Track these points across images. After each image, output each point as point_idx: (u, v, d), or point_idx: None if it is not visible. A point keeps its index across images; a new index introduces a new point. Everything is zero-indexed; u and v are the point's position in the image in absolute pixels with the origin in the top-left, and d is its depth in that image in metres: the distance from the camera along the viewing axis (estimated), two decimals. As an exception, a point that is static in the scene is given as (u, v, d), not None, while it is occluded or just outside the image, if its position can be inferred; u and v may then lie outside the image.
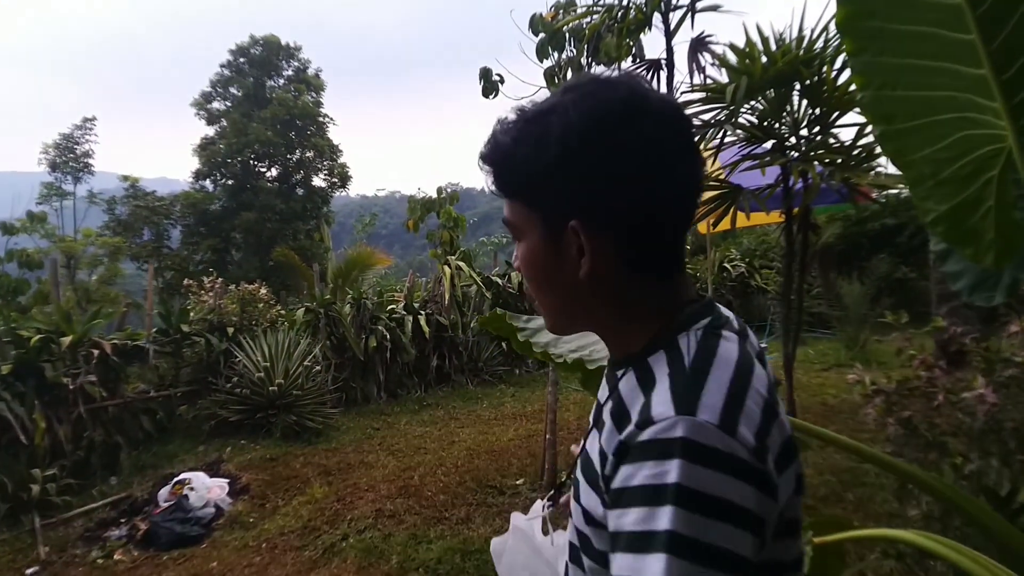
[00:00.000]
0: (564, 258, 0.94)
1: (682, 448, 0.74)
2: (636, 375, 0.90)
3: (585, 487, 0.93)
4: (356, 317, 9.43)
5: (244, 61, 26.10)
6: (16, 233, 9.21)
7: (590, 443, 0.96)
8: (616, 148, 0.88)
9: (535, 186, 0.93)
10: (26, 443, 5.97)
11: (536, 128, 0.92)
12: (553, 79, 4.68)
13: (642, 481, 0.76)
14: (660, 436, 0.77)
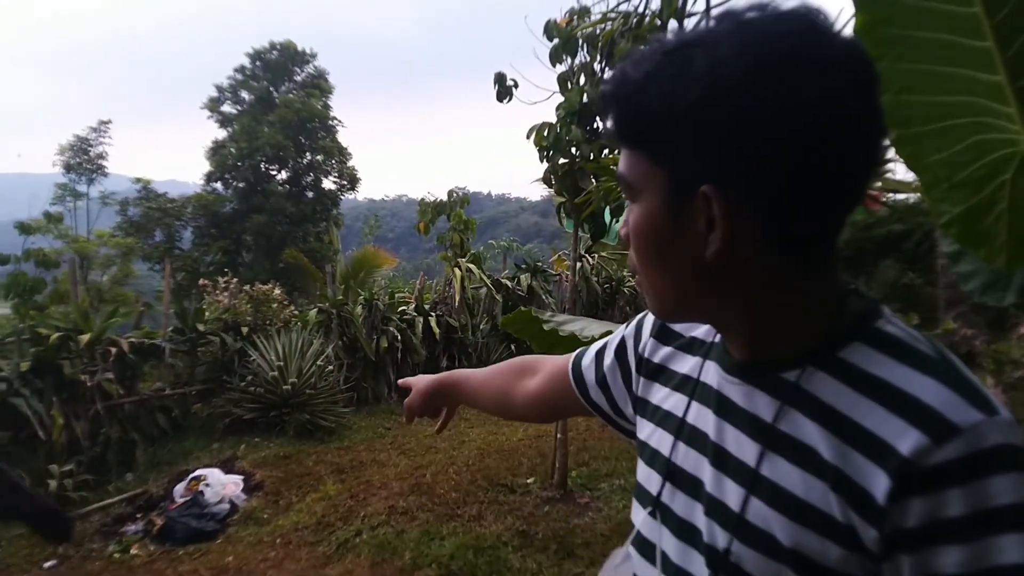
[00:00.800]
0: (686, 230, 0.73)
1: (1008, 458, 0.63)
2: (836, 376, 0.73)
3: (795, 532, 0.71)
4: (368, 318, 9.51)
5: (259, 65, 26.28)
6: (33, 233, 9.32)
7: (775, 474, 0.75)
8: (780, 97, 0.66)
9: (664, 133, 0.72)
10: (44, 439, 6.06)
11: (676, 61, 0.71)
12: (566, 84, 4.75)
13: (986, 506, 0.62)
14: (984, 446, 0.63)
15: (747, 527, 0.75)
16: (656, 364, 0.99)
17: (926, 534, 0.63)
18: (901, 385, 0.68)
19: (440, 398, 1.50)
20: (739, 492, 0.77)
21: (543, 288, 11.58)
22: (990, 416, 0.64)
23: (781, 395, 0.76)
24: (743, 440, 0.79)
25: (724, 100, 0.67)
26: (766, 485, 0.75)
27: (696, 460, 0.85)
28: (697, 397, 0.89)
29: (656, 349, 1.01)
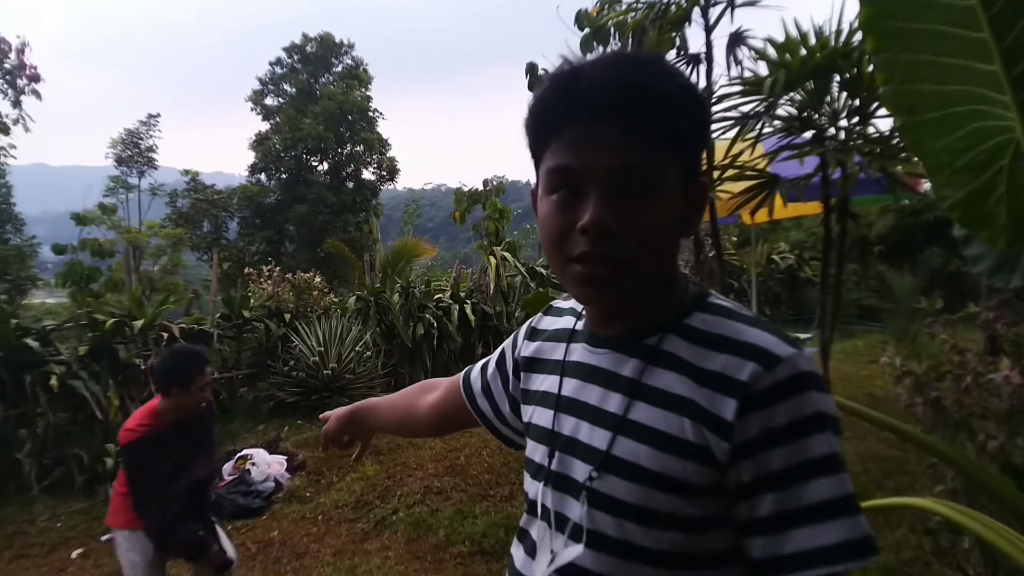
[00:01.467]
0: (687, 212, 0.94)
1: (817, 380, 0.84)
2: (684, 338, 0.92)
3: (659, 457, 0.89)
4: (404, 306, 9.69)
5: (298, 58, 26.65)
6: (88, 224, 9.68)
7: (641, 416, 0.92)
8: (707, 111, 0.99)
9: (695, 135, 0.93)
10: (101, 419, 6.36)
11: (685, 80, 0.93)
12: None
13: (800, 415, 0.82)
14: (796, 371, 0.83)
15: (615, 461, 0.93)
16: (530, 357, 1.19)
17: (761, 441, 0.83)
18: (735, 336, 0.89)
19: (353, 425, 1.58)
20: (607, 435, 0.95)
21: (579, 276, 11.62)
22: (799, 351, 0.86)
23: (644, 357, 0.95)
24: (611, 396, 0.97)
25: (703, 107, 0.94)
26: (632, 426, 0.93)
27: (573, 423, 1.02)
28: (567, 374, 1.07)
29: (528, 346, 1.21)
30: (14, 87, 10.72)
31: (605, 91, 0.87)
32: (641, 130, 0.87)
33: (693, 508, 0.88)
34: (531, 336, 1.23)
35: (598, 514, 0.93)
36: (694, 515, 0.88)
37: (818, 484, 0.81)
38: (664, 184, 0.89)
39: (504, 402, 1.30)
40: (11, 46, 10.58)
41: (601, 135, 0.88)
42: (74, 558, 4.94)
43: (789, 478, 0.82)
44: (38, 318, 7.64)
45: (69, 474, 6.09)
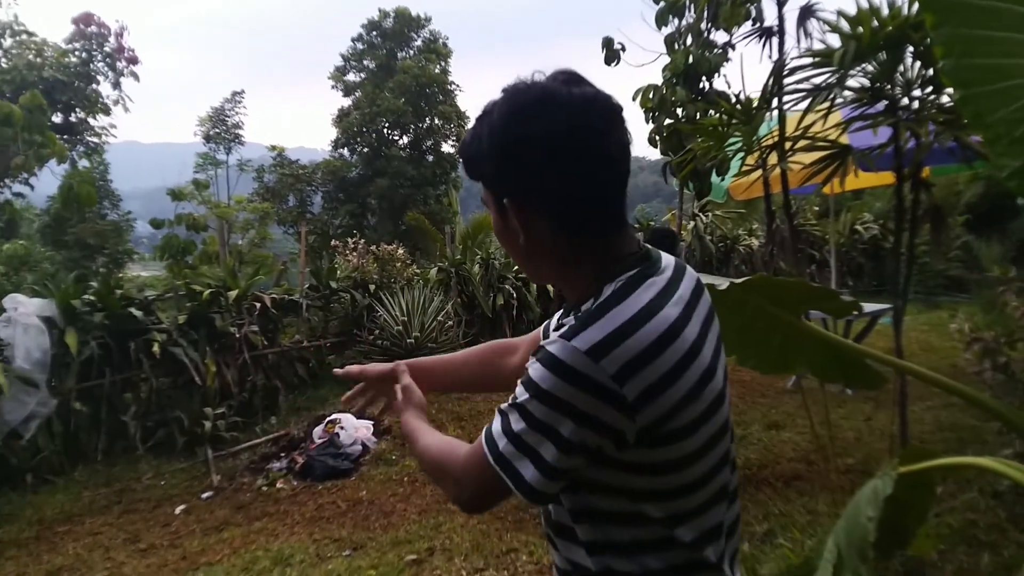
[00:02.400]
0: (510, 228, 1.16)
1: (547, 359, 1.04)
2: (574, 318, 1.13)
3: None
4: (485, 276, 9.87)
5: (376, 34, 26.99)
6: (183, 199, 10.19)
7: None
8: (526, 139, 1.08)
9: (481, 172, 1.17)
10: (199, 384, 6.76)
11: (478, 126, 1.15)
12: (673, 45, 4.83)
13: (524, 375, 1.08)
14: (544, 347, 1.06)
15: None
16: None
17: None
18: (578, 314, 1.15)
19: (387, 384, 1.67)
20: None
21: (654, 248, 11.57)
22: (565, 341, 1.04)
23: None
24: None
25: (498, 147, 1.11)
26: None
27: None
28: None
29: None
30: (114, 69, 11.28)
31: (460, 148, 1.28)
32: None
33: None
34: None
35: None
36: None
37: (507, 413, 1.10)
38: (490, 208, 1.20)
39: None
40: (111, 30, 11.15)
41: None
42: (177, 513, 5.30)
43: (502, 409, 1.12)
44: (140, 288, 8.12)
45: (171, 436, 6.51)
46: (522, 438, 1.06)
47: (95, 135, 11.61)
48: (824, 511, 4.00)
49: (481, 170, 1.16)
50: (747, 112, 3.05)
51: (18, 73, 9.59)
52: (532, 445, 1.06)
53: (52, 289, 6.69)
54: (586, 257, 1.16)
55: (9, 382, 5.57)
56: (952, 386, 1.68)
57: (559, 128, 1.07)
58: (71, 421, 6.15)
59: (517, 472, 1.07)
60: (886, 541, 1.85)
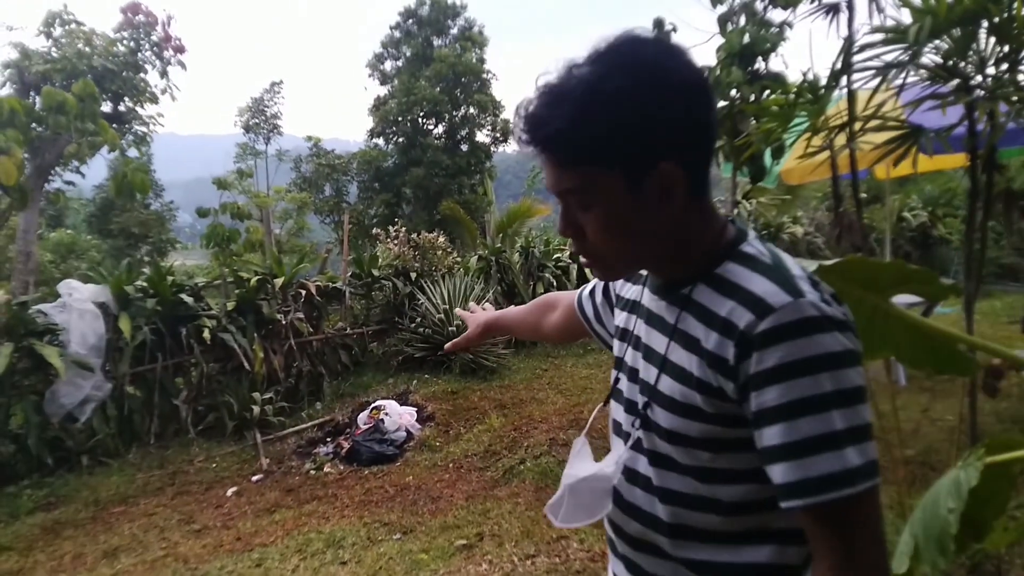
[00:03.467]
0: (646, 204, 1.02)
1: (813, 323, 0.93)
2: (711, 286, 1.05)
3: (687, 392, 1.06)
4: (525, 265, 9.88)
5: (412, 22, 27.01)
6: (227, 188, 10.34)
7: (676, 357, 1.09)
8: (673, 91, 0.98)
9: (618, 144, 0.98)
10: (247, 370, 6.86)
11: (603, 93, 0.97)
12: (727, 25, 4.74)
13: (789, 358, 0.92)
14: (790, 319, 0.93)
15: (658, 393, 1.12)
16: (619, 295, 1.39)
17: (757, 379, 0.95)
18: (744, 284, 1.01)
19: (491, 332, 1.92)
20: (655, 372, 1.14)
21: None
22: (796, 299, 0.95)
23: (680, 304, 1.10)
24: (659, 338, 1.15)
25: (650, 106, 0.98)
26: (670, 365, 1.11)
27: (635, 356, 1.22)
28: (638, 314, 1.25)
29: (624, 287, 1.38)
30: (161, 59, 11.45)
31: (520, 131, 1.04)
32: (556, 159, 1.02)
33: (716, 434, 1.04)
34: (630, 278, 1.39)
35: (646, 434, 1.14)
36: (717, 439, 1.05)
37: (808, 420, 0.92)
38: (599, 192, 1.02)
39: (610, 322, 1.47)
40: (158, 19, 11.31)
41: (542, 162, 1.05)
42: (229, 496, 5.40)
43: (784, 413, 0.93)
44: (190, 275, 8.26)
45: (221, 420, 6.62)
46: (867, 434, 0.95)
47: (143, 124, 11.83)
48: (887, 503, 3.94)
49: (619, 141, 0.98)
50: (814, 91, 2.99)
51: (68, 62, 9.75)
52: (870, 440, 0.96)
53: (105, 276, 6.82)
54: (708, 222, 1.09)
55: (65, 366, 5.69)
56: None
57: (692, 76, 1.01)
58: (125, 405, 6.28)
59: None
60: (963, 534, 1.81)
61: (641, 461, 1.16)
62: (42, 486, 5.53)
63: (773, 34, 4.37)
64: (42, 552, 4.62)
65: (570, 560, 3.88)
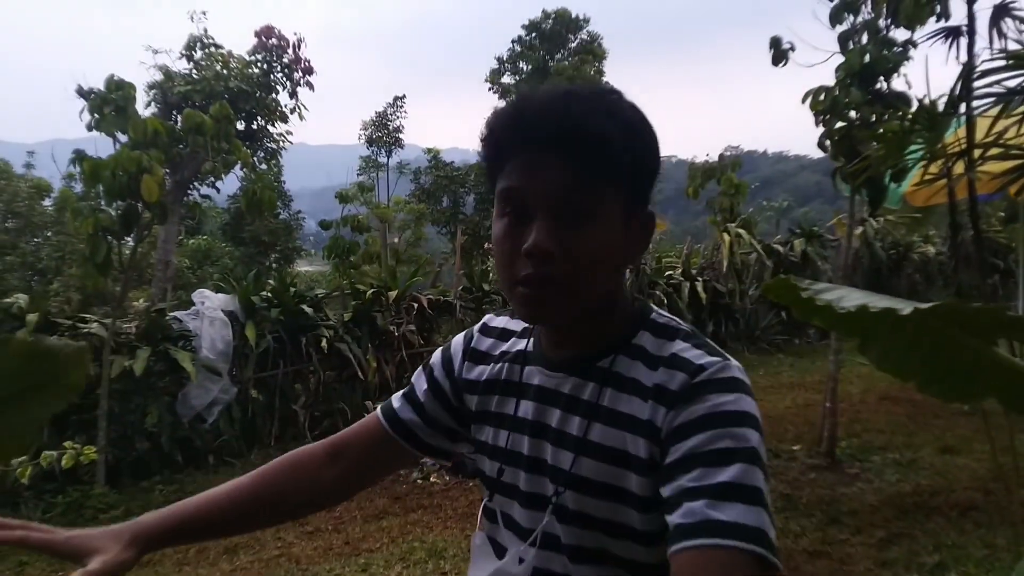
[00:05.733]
0: (626, 241, 0.99)
1: (741, 384, 0.93)
2: (632, 357, 1.00)
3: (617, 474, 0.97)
4: (635, 282, 9.80)
5: (535, 35, 27.33)
6: (349, 202, 10.80)
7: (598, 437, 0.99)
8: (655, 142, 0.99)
9: (641, 170, 0.98)
10: (362, 379, 7.14)
11: (629, 116, 0.97)
12: (847, 44, 4.61)
13: (712, 410, 0.90)
14: (720, 376, 0.92)
15: (578, 479, 1.00)
16: (477, 380, 1.17)
17: (679, 433, 0.90)
18: (668, 351, 0.98)
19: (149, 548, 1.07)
20: (570, 456, 1.02)
21: (819, 254, 11.10)
22: (725, 360, 0.95)
23: (599, 379, 1.01)
24: (570, 418, 1.03)
25: (655, 143, 0.99)
26: (591, 446, 1.00)
27: (534, 444, 1.07)
28: (525, 396, 1.10)
29: (472, 368, 1.20)
30: (291, 80, 12.11)
31: (547, 123, 0.93)
32: (578, 161, 0.92)
33: (650, 522, 0.95)
34: (472, 358, 1.21)
35: (564, 528, 1.01)
36: (651, 528, 0.95)
37: (735, 468, 0.85)
38: (603, 212, 0.94)
39: (443, 422, 1.24)
40: (289, 42, 11.99)
41: (545, 162, 0.93)
42: (341, 500, 5.62)
43: (712, 457, 0.87)
44: (310, 286, 8.67)
45: (335, 425, 6.87)
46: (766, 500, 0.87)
47: (273, 141, 12.51)
48: (1003, 545, 3.72)
49: (639, 166, 0.97)
50: (931, 118, 2.88)
51: (207, 84, 10.50)
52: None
53: (234, 285, 7.26)
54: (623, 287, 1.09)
55: (196, 370, 6.09)
56: None
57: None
58: (248, 408, 6.66)
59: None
60: None
61: (557, 560, 1.03)
62: (172, 482, 5.93)
63: (896, 54, 4.22)
64: (169, 545, 4.94)
65: None
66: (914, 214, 10.71)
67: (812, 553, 4.07)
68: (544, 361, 1.08)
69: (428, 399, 1.24)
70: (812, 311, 2.01)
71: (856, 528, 4.31)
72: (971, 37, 3.04)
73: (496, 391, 1.14)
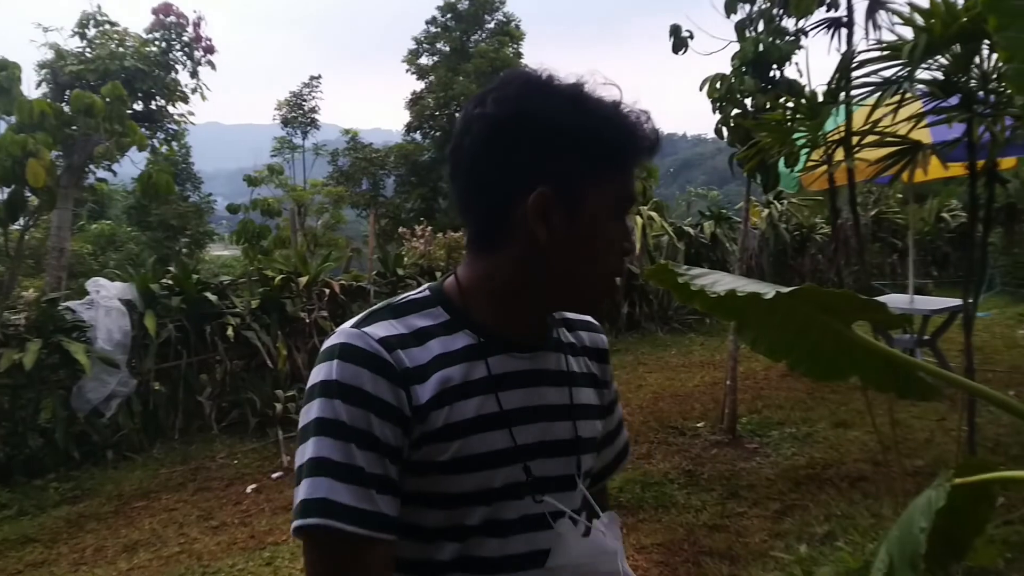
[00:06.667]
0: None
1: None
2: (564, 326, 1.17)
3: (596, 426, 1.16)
4: (551, 264, 9.84)
5: (450, 16, 27.03)
6: (259, 184, 10.53)
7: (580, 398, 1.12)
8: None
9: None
10: (271, 367, 6.98)
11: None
12: (743, 33, 4.70)
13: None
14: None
15: (582, 443, 1.11)
16: (434, 396, 0.97)
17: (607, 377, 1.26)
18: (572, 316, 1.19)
19: None
20: (569, 425, 1.09)
21: (727, 236, 11.39)
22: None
23: (560, 349, 1.13)
24: (554, 392, 1.09)
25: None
26: (579, 409, 1.11)
27: (540, 430, 1.04)
28: (501, 387, 1.01)
29: (419, 390, 0.96)
30: (192, 58, 11.67)
31: (654, 138, 1.03)
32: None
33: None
34: (410, 379, 0.96)
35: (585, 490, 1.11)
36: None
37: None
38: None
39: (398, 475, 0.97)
40: (188, 20, 11.54)
41: (631, 177, 1.05)
42: (248, 492, 5.47)
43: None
44: (215, 273, 8.42)
45: (244, 417, 6.75)
46: None
47: (174, 122, 12.08)
48: (888, 515, 3.89)
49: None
50: (812, 107, 2.96)
51: (101, 63, 10.01)
52: None
53: (132, 273, 6.99)
54: None
55: (91, 362, 5.85)
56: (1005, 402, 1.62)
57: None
58: (150, 400, 6.44)
59: None
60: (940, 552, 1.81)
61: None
62: (68, 479, 5.69)
63: (788, 43, 4.32)
64: (65, 544, 4.75)
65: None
66: (816, 197, 11.11)
67: (712, 527, 4.20)
68: (508, 346, 1.04)
69: (389, 468, 0.95)
70: (690, 295, 2.02)
71: (753, 501, 4.47)
72: (850, 29, 3.14)
73: (462, 396, 0.99)
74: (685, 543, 4.03)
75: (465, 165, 1.01)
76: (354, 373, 0.92)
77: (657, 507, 4.52)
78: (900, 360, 1.79)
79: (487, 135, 0.98)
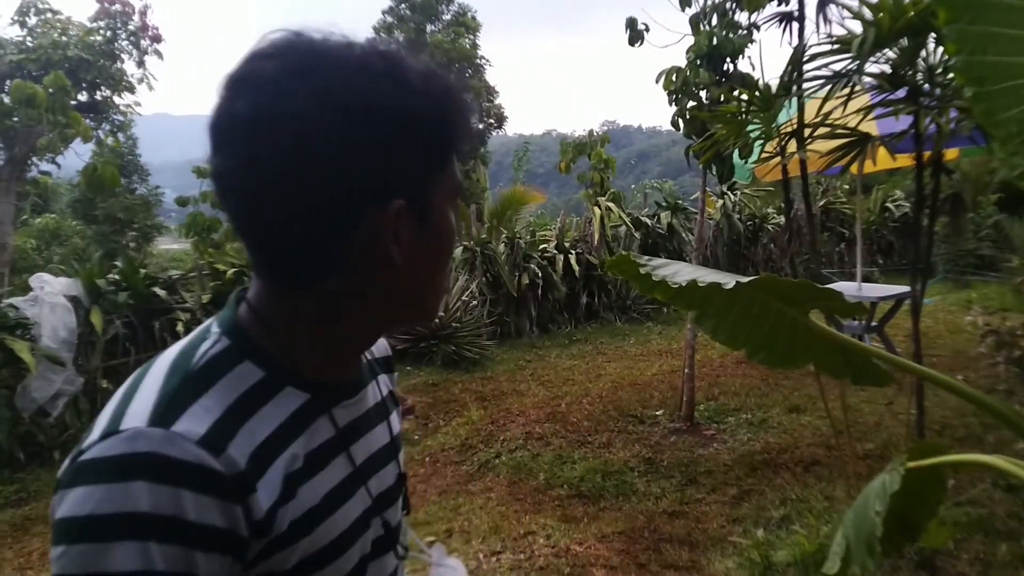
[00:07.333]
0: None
1: None
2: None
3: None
4: (510, 256, 9.85)
5: (405, 6, 26.83)
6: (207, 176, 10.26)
7: (396, 422, 1.02)
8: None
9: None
10: (224, 362, 6.83)
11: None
12: (698, 26, 4.74)
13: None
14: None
15: (404, 476, 1.01)
16: (286, 487, 0.76)
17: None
18: None
19: None
20: (395, 462, 0.98)
21: (683, 226, 11.51)
22: None
23: (372, 374, 0.99)
24: (380, 428, 0.96)
25: None
26: (397, 439, 1.01)
27: (377, 479, 0.92)
28: (346, 445, 0.87)
29: (263, 494, 0.73)
30: (138, 48, 11.39)
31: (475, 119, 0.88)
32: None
33: None
34: (244, 488, 0.71)
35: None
36: None
37: None
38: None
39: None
40: (134, 9, 11.25)
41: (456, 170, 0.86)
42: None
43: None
44: (164, 267, 8.22)
45: (196, 412, 6.60)
46: None
47: (120, 113, 11.78)
48: (841, 497, 3.97)
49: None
50: (765, 99, 2.99)
51: (43, 52, 9.68)
52: None
53: (78, 268, 6.79)
54: None
55: (36, 360, 5.66)
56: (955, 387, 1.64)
57: None
58: (97, 399, 6.25)
59: None
60: (895, 534, 1.85)
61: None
62: (12, 482, 5.51)
63: (741, 37, 4.37)
64: (10, 549, 4.60)
65: (535, 556, 3.89)
66: (768, 187, 11.28)
67: (671, 514, 4.24)
68: (340, 395, 0.88)
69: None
70: (651, 286, 2.02)
71: (711, 487, 4.51)
72: (801, 23, 3.18)
73: (312, 472, 0.81)
74: (645, 530, 4.06)
75: (272, 184, 0.73)
76: (172, 498, 0.65)
77: (617, 495, 4.55)
78: (855, 348, 1.81)
79: (313, 146, 0.72)
